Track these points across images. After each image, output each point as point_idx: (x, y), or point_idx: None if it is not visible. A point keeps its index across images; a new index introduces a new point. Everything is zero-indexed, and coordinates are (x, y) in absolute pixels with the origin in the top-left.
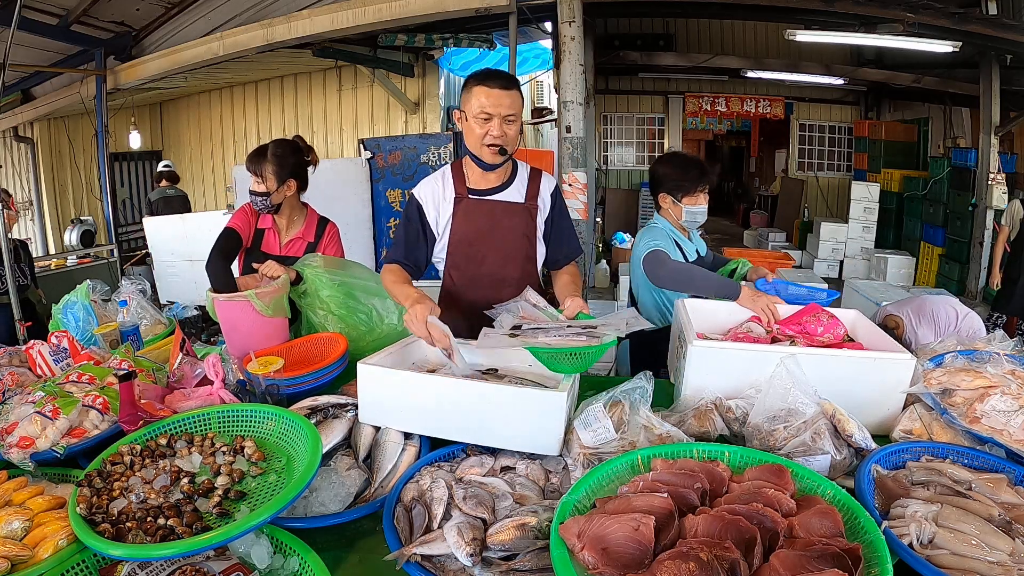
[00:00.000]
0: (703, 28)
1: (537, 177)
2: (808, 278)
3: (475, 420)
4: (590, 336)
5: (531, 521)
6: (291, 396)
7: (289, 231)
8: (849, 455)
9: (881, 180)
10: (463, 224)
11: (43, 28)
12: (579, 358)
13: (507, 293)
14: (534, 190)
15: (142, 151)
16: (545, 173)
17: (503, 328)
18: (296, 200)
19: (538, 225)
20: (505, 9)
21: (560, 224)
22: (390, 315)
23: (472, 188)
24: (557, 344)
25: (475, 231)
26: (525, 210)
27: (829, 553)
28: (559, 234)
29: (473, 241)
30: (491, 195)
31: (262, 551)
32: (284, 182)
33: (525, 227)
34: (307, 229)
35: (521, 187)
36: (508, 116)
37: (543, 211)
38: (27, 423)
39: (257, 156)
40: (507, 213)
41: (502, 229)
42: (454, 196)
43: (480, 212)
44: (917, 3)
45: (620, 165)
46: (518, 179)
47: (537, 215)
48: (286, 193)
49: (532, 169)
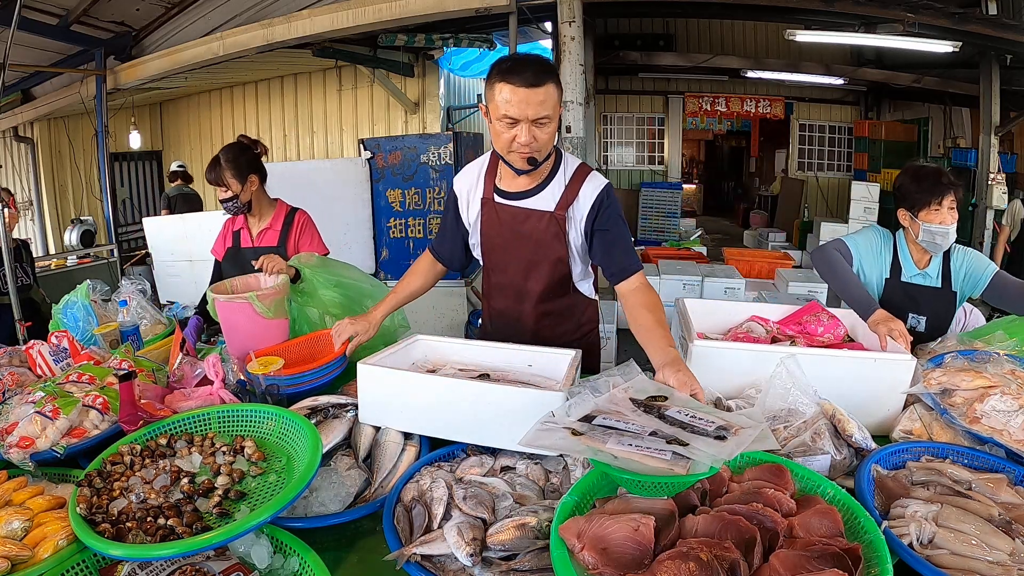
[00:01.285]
0: (703, 28)
1: (580, 179)
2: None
3: (475, 420)
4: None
5: (531, 521)
6: (291, 396)
7: (260, 224)
8: (849, 455)
9: (881, 180)
10: (488, 228)
11: (43, 28)
12: (655, 487)
13: (530, 306)
14: (570, 197)
15: (142, 151)
16: (593, 174)
17: (569, 418)
18: (262, 194)
19: (571, 237)
20: (505, 9)
21: (611, 232)
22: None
23: (501, 190)
24: (629, 457)
25: (498, 237)
26: (553, 220)
27: (829, 553)
28: (606, 246)
29: (496, 248)
30: (519, 200)
31: (262, 551)
32: (245, 180)
33: (552, 238)
34: (275, 219)
35: (556, 192)
36: (540, 119)
37: (576, 221)
38: (27, 423)
39: (213, 167)
40: (532, 222)
41: (525, 239)
42: (481, 196)
43: (503, 218)
44: (917, 3)
45: (620, 165)
46: (555, 182)
47: (568, 226)
48: (251, 189)
49: (580, 167)
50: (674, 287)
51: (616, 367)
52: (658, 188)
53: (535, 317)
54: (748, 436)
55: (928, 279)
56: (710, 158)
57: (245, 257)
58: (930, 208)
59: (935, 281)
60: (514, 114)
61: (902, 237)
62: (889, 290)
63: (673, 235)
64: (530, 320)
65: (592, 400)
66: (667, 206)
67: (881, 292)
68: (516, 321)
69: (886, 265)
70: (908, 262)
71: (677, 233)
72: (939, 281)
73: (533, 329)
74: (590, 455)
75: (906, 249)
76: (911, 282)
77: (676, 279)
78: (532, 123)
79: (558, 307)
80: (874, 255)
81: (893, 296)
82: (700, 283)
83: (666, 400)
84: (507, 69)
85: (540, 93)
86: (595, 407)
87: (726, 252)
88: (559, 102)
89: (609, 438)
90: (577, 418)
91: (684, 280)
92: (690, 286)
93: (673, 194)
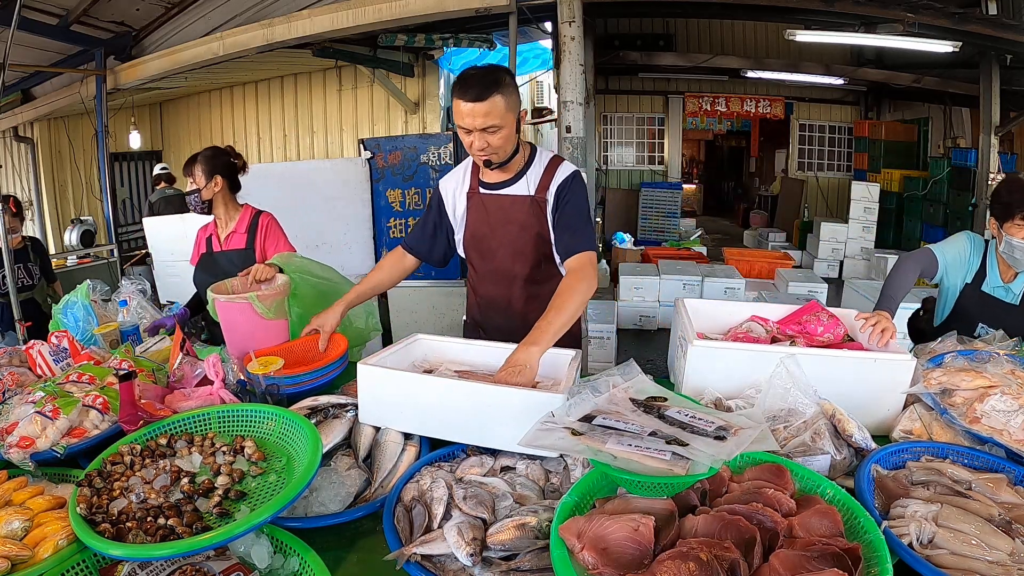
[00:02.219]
0: (703, 28)
1: (554, 167)
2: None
3: (475, 420)
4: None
5: (531, 521)
6: (291, 396)
7: (227, 228)
8: (849, 455)
9: (881, 180)
10: (474, 219)
11: (43, 28)
12: (655, 488)
13: (518, 289)
14: (547, 181)
15: (142, 151)
16: (566, 163)
17: (569, 418)
18: (228, 199)
19: (549, 219)
20: (505, 9)
21: (564, 212)
22: (357, 319)
23: (484, 182)
24: (628, 457)
25: (485, 226)
26: (535, 203)
27: (829, 553)
28: (562, 224)
29: (484, 236)
30: (501, 189)
31: (262, 551)
32: (211, 178)
33: (535, 221)
34: (240, 223)
35: (534, 179)
36: (488, 128)
37: (550, 204)
38: (27, 423)
39: (189, 161)
40: (516, 207)
41: (511, 224)
42: (467, 190)
43: (490, 207)
44: (917, 3)
45: (620, 165)
46: (531, 171)
47: (547, 208)
48: (214, 189)
49: (553, 158)
50: (674, 287)
51: (616, 367)
52: (658, 188)
53: (523, 300)
54: (748, 436)
55: (1010, 294)
56: (710, 158)
57: (216, 262)
58: (1014, 221)
59: (1015, 298)
60: (465, 125)
61: (994, 247)
62: (965, 296)
63: (673, 235)
64: (519, 304)
65: (592, 400)
66: (667, 206)
67: (958, 297)
68: (506, 307)
69: (971, 272)
70: (993, 272)
71: (677, 233)
72: (1019, 299)
73: (522, 312)
74: (590, 455)
75: (995, 259)
76: (990, 293)
77: (676, 279)
78: (482, 131)
79: (545, 291)
80: (961, 261)
81: (968, 303)
82: (700, 283)
83: (666, 400)
84: (459, 84)
85: (484, 106)
86: (595, 407)
87: (726, 252)
88: (509, 109)
89: (609, 438)
90: (577, 418)
91: (684, 280)
92: (690, 286)
93: (673, 194)
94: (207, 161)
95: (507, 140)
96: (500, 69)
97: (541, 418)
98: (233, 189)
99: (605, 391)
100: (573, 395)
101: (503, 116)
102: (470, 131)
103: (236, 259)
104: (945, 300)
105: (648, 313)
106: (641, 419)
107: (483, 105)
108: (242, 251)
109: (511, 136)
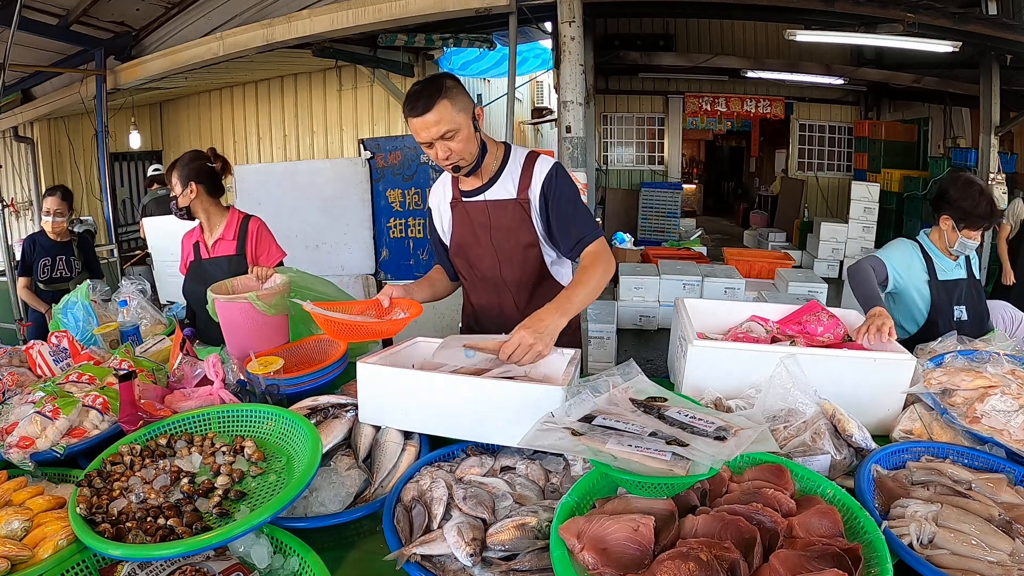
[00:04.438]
0: (703, 28)
1: (531, 164)
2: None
3: (475, 417)
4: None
5: (531, 521)
6: (291, 396)
7: (213, 235)
8: (849, 455)
9: (881, 180)
10: (459, 228)
11: (43, 28)
12: (655, 488)
13: (508, 296)
14: (526, 181)
15: (142, 151)
16: (542, 157)
17: (569, 418)
18: (211, 204)
19: (535, 219)
20: (505, 9)
21: (560, 209)
22: None
23: (463, 191)
24: (628, 457)
25: (469, 234)
26: (517, 205)
27: (829, 553)
28: (560, 221)
29: (469, 244)
30: (480, 195)
31: (262, 551)
32: (187, 185)
33: (520, 224)
34: (227, 229)
35: (512, 180)
36: (444, 135)
37: (536, 202)
38: (27, 423)
39: (170, 167)
40: (498, 212)
41: (494, 229)
42: (450, 200)
43: (472, 214)
44: (917, 3)
45: (620, 165)
46: (507, 172)
47: (531, 209)
48: (191, 196)
49: (528, 155)
50: (674, 287)
51: (616, 367)
52: (658, 188)
53: (515, 306)
54: (748, 437)
55: (959, 271)
56: (710, 158)
57: (204, 269)
58: (975, 229)
59: (963, 272)
60: (422, 139)
61: (926, 239)
62: (934, 291)
63: (673, 235)
64: (511, 311)
65: (592, 400)
66: (667, 206)
67: (929, 294)
68: (498, 315)
69: (922, 270)
70: (943, 261)
71: (677, 233)
72: (965, 271)
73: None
74: (590, 455)
75: (935, 249)
76: (949, 279)
77: (676, 279)
78: (441, 139)
79: (537, 296)
80: (907, 265)
81: (940, 295)
82: (700, 283)
83: (666, 401)
84: (406, 103)
85: (433, 115)
86: (595, 407)
87: (726, 252)
88: (460, 110)
89: (609, 438)
90: (577, 418)
91: (684, 280)
92: (690, 286)
93: (673, 194)
94: (182, 168)
95: (467, 141)
96: (441, 76)
97: (541, 418)
98: (214, 194)
99: (605, 391)
100: (573, 395)
101: (454, 119)
102: (431, 144)
103: (226, 266)
104: (909, 304)
105: (648, 313)
106: (641, 419)
107: (432, 115)
108: (232, 257)
109: (470, 136)
